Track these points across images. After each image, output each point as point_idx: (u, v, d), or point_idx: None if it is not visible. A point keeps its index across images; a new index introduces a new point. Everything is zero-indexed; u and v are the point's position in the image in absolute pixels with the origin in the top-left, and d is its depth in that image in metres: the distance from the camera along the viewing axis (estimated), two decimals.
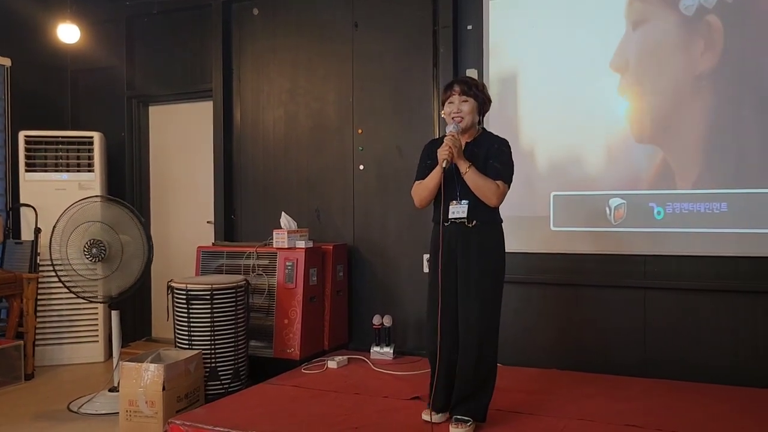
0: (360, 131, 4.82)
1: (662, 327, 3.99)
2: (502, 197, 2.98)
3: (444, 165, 2.92)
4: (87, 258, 4.00)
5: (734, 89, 3.79)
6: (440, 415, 3.11)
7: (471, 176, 2.92)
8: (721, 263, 3.84)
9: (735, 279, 3.82)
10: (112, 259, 4.06)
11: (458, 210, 2.97)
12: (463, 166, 2.93)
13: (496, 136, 3.12)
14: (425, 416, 3.12)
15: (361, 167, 4.82)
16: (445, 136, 2.97)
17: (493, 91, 4.31)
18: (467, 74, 4.44)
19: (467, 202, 2.97)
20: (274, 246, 4.48)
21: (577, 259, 4.19)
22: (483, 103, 3.07)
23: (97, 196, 4.36)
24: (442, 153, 2.92)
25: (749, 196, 3.76)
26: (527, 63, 4.30)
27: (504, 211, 4.32)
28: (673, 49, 3.92)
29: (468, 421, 2.96)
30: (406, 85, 4.66)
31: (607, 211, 4.09)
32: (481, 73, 4.41)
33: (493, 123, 4.33)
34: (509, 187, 3.03)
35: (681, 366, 3.92)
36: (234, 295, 3.98)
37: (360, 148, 4.82)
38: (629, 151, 4.03)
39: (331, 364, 4.18)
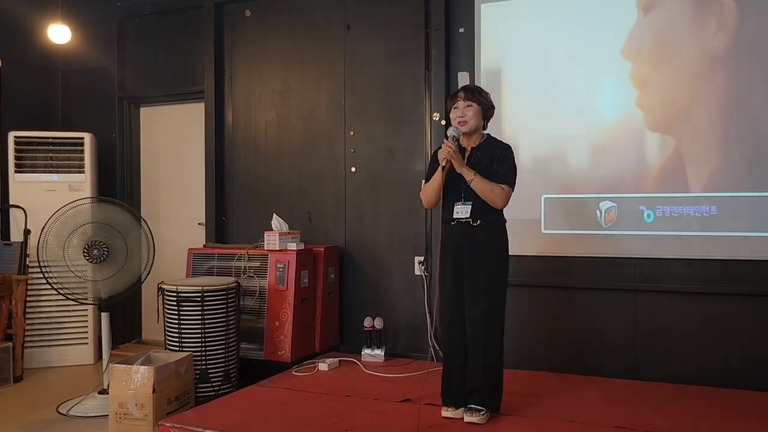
0: (352, 133, 4.82)
1: (652, 329, 4.01)
2: (507, 200, 3.13)
3: (443, 164, 3.05)
4: (87, 259, 3.98)
5: (749, 76, 3.75)
6: (460, 410, 3.17)
7: (477, 183, 3.06)
8: (711, 266, 3.87)
9: (724, 282, 3.84)
10: (112, 262, 4.04)
11: (462, 210, 3.12)
12: (469, 175, 3.07)
13: (500, 141, 3.27)
14: (445, 413, 3.19)
15: (353, 169, 4.82)
16: (446, 140, 3.11)
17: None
18: (459, 76, 4.47)
19: (471, 203, 3.11)
20: (266, 248, 4.47)
21: (567, 261, 4.20)
22: (486, 108, 3.21)
23: (100, 197, 4.36)
24: (442, 154, 3.07)
25: (739, 199, 3.78)
26: (519, 66, 4.31)
27: None
28: (685, 32, 3.88)
29: (481, 410, 3.09)
30: (398, 87, 4.66)
31: (598, 214, 4.11)
32: (473, 76, 4.42)
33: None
34: (513, 190, 3.16)
35: (671, 368, 3.94)
36: (225, 297, 3.97)
37: (352, 150, 4.82)
38: (638, 143, 4.02)
39: (322, 366, 4.18)
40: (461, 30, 4.51)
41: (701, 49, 3.85)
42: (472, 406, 3.12)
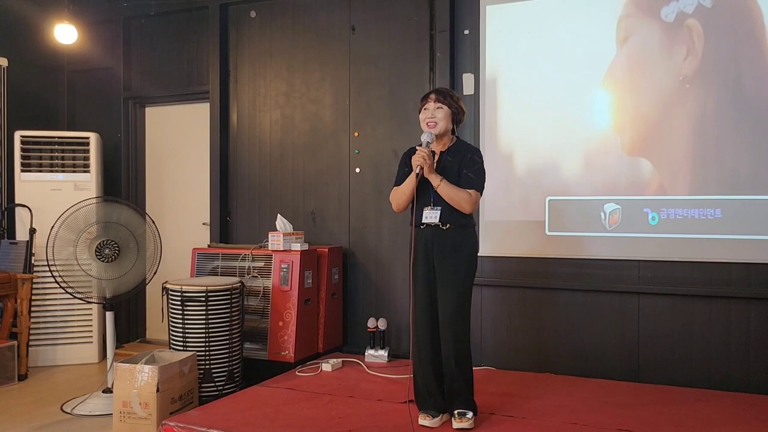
0: (356, 134, 4.83)
1: (655, 332, 4.00)
2: (474, 205, 3.11)
3: (417, 171, 3.04)
4: (99, 258, 4.00)
5: (718, 92, 3.82)
6: (437, 418, 3.12)
7: (443, 189, 3.06)
8: (715, 269, 3.86)
9: (728, 285, 3.84)
10: (122, 261, 4.06)
11: (431, 215, 3.11)
12: (435, 181, 3.06)
13: (469, 145, 3.27)
14: (423, 421, 3.12)
15: (357, 170, 4.83)
16: (420, 145, 3.09)
17: (488, 95, 4.36)
18: (464, 78, 4.47)
19: (440, 207, 3.09)
20: (270, 248, 4.48)
21: (571, 263, 4.20)
22: (457, 112, 3.18)
23: (103, 197, 4.39)
24: (416, 160, 3.04)
25: (743, 202, 3.78)
26: (524, 67, 4.31)
27: (499, 215, 4.36)
28: (658, 58, 3.95)
29: (469, 413, 3.07)
30: (402, 88, 4.67)
31: (602, 216, 4.10)
32: (477, 78, 4.42)
33: (489, 127, 4.36)
34: (481, 195, 3.16)
35: (674, 371, 3.94)
36: (229, 297, 3.98)
37: (356, 151, 4.83)
38: (622, 162, 4.06)
39: (326, 366, 4.18)
40: (466, 32, 4.51)
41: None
42: (461, 410, 3.07)
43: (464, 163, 3.11)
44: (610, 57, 4.08)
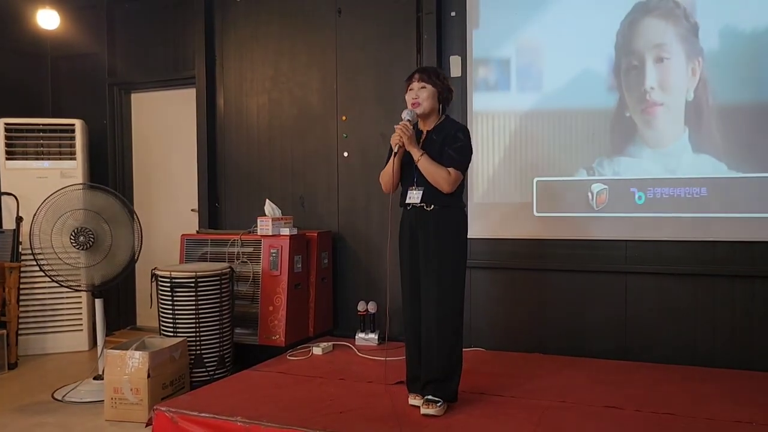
0: (344, 118, 4.82)
1: (643, 311, 4.05)
2: (454, 184, 3.02)
3: (395, 150, 3.02)
4: (74, 246, 3.97)
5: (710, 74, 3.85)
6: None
7: (423, 164, 3.01)
8: (701, 247, 3.90)
9: (714, 263, 3.88)
10: (98, 248, 4.03)
11: (414, 196, 3.08)
12: (416, 154, 3.02)
13: (457, 123, 3.20)
14: (412, 401, 3.15)
15: (345, 154, 4.82)
16: (400, 122, 3.04)
17: (477, 77, 4.35)
18: (450, 61, 4.46)
19: (422, 188, 3.05)
20: (259, 233, 4.48)
21: (559, 244, 4.23)
22: (443, 91, 3.12)
23: (83, 183, 4.35)
24: (394, 139, 3.02)
25: (728, 180, 3.81)
26: (511, 49, 4.30)
27: (488, 197, 4.37)
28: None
29: (438, 401, 3.02)
30: (389, 71, 4.65)
31: (590, 197, 4.13)
32: (464, 60, 4.42)
33: (476, 109, 4.37)
34: (464, 174, 3.09)
35: (661, 349, 3.99)
36: (219, 282, 3.98)
37: (344, 135, 4.82)
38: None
39: (316, 350, 4.20)
40: (453, 14, 4.49)
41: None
42: (429, 397, 3.02)
43: (447, 140, 3.05)
44: (599, 36, 4.08)
